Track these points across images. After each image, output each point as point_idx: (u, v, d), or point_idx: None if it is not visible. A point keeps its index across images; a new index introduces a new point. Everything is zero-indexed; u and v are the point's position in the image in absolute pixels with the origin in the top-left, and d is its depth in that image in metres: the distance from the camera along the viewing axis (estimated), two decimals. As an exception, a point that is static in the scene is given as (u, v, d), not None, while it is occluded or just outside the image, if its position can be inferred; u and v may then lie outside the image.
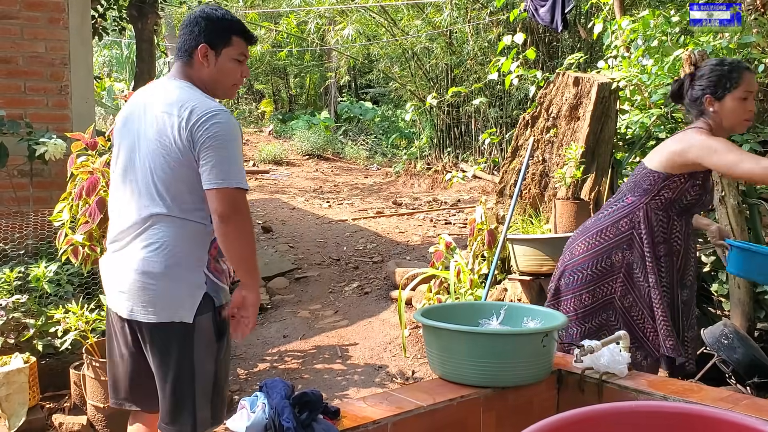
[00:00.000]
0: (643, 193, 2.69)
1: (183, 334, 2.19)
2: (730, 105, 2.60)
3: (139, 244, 2.21)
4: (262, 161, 13.20)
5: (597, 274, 2.74)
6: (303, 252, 7.06)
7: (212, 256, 2.25)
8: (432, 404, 2.05)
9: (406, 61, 13.36)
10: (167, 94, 2.24)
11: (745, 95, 2.59)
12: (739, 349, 3.47)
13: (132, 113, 2.32)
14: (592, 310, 2.74)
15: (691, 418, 1.30)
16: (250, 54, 14.16)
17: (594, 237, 2.78)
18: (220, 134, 2.14)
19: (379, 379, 4.29)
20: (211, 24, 2.28)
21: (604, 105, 4.58)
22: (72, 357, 3.78)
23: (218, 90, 2.34)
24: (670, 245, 2.70)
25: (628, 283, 2.72)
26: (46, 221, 4.36)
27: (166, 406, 2.25)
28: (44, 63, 4.83)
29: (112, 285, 2.30)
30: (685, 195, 2.65)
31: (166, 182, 2.19)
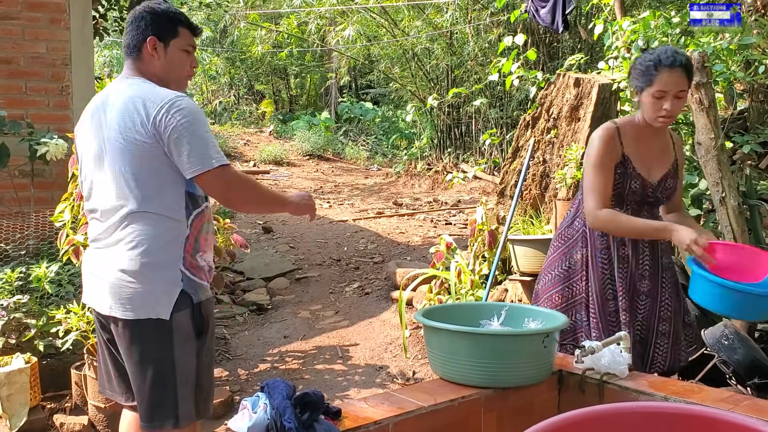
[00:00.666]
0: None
1: (161, 331, 2.21)
2: (645, 100, 2.61)
3: (116, 243, 2.24)
4: (262, 162, 13.20)
5: (563, 275, 2.77)
6: (303, 252, 7.07)
7: (188, 253, 2.26)
8: (433, 405, 2.06)
9: (407, 61, 13.37)
10: (122, 93, 2.26)
11: (659, 94, 2.55)
12: (739, 350, 3.47)
13: (92, 118, 2.34)
14: (564, 309, 2.74)
15: (692, 419, 1.31)
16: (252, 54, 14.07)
17: (558, 238, 2.84)
18: (184, 121, 2.16)
19: (379, 379, 4.29)
20: (156, 17, 2.32)
21: (605, 106, 4.58)
22: (73, 357, 3.78)
23: (171, 82, 2.36)
24: (616, 237, 2.70)
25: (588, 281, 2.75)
26: (47, 221, 4.37)
27: (144, 405, 2.25)
28: (45, 63, 4.83)
29: (92, 282, 2.33)
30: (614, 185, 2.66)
31: (137, 179, 2.20)
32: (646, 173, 2.65)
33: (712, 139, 3.83)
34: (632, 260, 2.69)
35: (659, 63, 2.55)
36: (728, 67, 4.66)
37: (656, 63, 2.56)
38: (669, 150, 2.75)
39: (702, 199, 4.56)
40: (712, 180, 3.91)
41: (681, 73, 2.55)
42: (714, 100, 3.89)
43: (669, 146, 2.75)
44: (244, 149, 14.28)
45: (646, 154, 2.68)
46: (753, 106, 5.14)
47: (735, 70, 4.73)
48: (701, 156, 3.93)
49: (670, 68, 2.53)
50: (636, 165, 2.65)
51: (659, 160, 2.70)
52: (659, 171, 2.68)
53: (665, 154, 2.73)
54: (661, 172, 2.68)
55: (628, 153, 2.65)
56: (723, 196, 3.87)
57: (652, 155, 2.69)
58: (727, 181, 3.87)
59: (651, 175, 2.67)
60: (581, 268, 2.73)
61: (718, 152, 3.84)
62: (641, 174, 2.64)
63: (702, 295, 2.43)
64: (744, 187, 4.29)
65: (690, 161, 4.77)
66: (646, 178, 2.65)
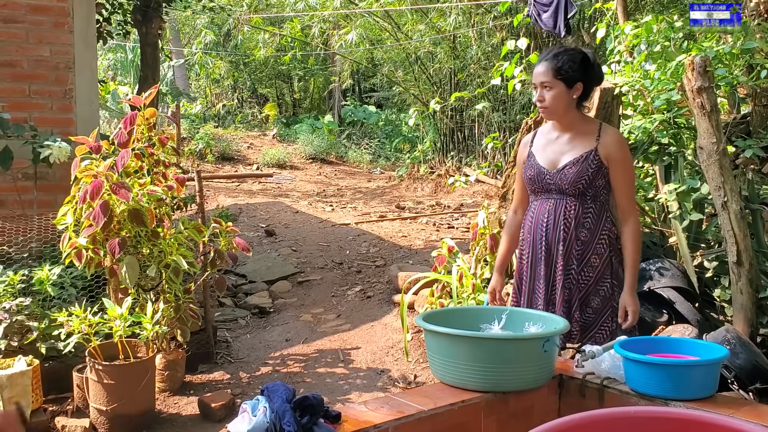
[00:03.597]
0: None
1: None
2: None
3: None
4: (265, 165, 13.22)
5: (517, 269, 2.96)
6: (306, 256, 7.07)
7: None
8: (433, 409, 2.06)
9: (410, 65, 13.39)
10: None
11: (533, 86, 2.83)
12: (741, 354, 3.47)
13: None
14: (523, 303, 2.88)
15: (691, 424, 1.31)
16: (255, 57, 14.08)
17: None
18: None
19: (381, 383, 4.29)
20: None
21: (607, 110, 4.58)
22: (75, 360, 3.79)
23: None
24: (528, 226, 2.85)
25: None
26: (50, 224, 4.39)
27: None
28: (49, 67, 4.85)
29: None
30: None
31: None
32: (547, 164, 2.79)
33: (714, 143, 3.83)
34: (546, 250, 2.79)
35: (539, 59, 2.82)
36: (731, 72, 4.66)
37: (538, 59, 2.84)
38: (586, 142, 2.76)
39: (704, 204, 4.56)
40: (714, 184, 3.90)
41: (543, 66, 2.75)
42: (716, 105, 3.88)
43: (589, 138, 2.76)
44: (248, 152, 14.30)
45: (552, 146, 2.83)
46: (756, 111, 5.14)
47: (737, 75, 4.73)
48: (703, 160, 3.92)
49: (539, 62, 2.79)
50: (537, 157, 2.83)
51: (567, 150, 2.78)
52: (564, 160, 2.76)
53: (577, 145, 2.77)
54: (566, 161, 2.75)
55: (534, 149, 2.87)
56: (725, 200, 3.87)
57: (559, 148, 2.80)
58: (729, 185, 3.87)
59: (553, 164, 2.78)
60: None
61: (720, 157, 3.84)
62: (539, 163, 2.81)
63: (635, 378, 2.16)
64: (746, 192, 4.29)
65: (692, 165, 4.76)
66: (544, 167, 2.78)
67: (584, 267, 2.72)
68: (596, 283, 2.73)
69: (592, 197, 2.74)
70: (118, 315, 3.51)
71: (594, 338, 2.73)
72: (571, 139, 2.79)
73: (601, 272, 2.73)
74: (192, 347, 4.31)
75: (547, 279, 2.76)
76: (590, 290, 2.73)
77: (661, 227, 5.04)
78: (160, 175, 4.00)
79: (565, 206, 2.73)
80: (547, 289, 2.77)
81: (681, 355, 2.26)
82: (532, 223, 2.82)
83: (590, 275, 2.72)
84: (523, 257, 2.87)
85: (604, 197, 2.77)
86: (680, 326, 3.97)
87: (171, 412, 3.83)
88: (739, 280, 3.90)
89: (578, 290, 2.72)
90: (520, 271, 2.89)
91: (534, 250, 2.80)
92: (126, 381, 3.51)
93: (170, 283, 3.85)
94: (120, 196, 3.59)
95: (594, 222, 2.73)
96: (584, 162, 2.71)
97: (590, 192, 2.72)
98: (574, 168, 2.71)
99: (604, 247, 2.73)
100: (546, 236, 2.75)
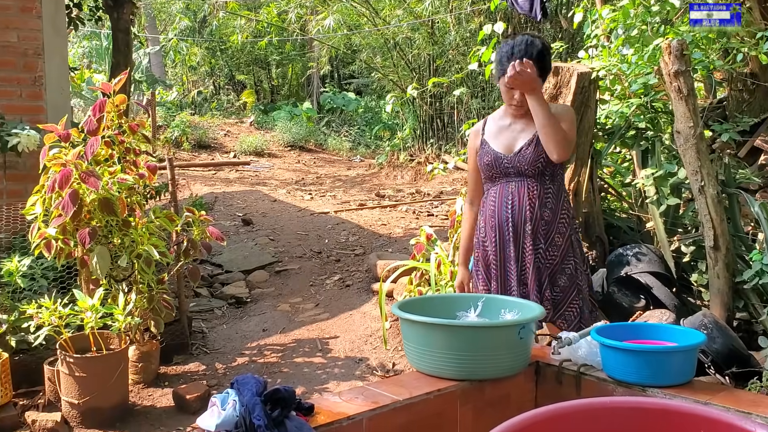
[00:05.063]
0: None
1: None
2: (501, 88, 2.80)
3: None
4: (242, 153, 13.09)
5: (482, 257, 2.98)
6: (284, 245, 7.01)
7: None
8: (408, 398, 2.02)
9: (388, 51, 13.30)
10: None
11: (510, 85, 2.71)
12: (718, 339, 3.48)
13: None
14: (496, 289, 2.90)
15: (669, 414, 1.28)
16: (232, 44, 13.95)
17: None
18: None
19: (359, 372, 4.26)
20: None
21: (584, 95, 4.55)
22: (46, 353, 3.71)
23: None
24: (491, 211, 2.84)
25: None
26: (19, 215, 4.29)
27: None
28: (17, 53, 4.73)
29: None
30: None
31: None
32: (503, 149, 2.80)
33: (691, 127, 3.82)
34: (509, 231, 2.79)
35: (511, 56, 2.66)
36: (707, 56, 4.65)
37: (509, 55, 2.68)
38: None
39: (681, 188, 4.56)
40: (691, 169, 3.90)
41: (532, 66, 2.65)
42: (693, 89, 3.87)
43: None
44: (224, 140, 14.15)
45: (507, 133, 2.83)
46: (732, 95, 5.15)
47: (714, 59, 4.73)
48: (680, 145, 3.92)
49: (521, 59, 2.63)
50: (491, 144, 2.84)
51: (522, 134, 2.80)
52: (519, 143, 2.78)
53: (530, 126, 2.78)
54: (521, 144, 2.77)
55: (487, 137, 2.87)
56: (702, 185, 3.87)
57: (514, 133, 2.81)
58: (706, 169, 3.87)
59: (509, 149, 2.80)
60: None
61: (697, 141, 3.83)
62: (494, 149, 2.81)
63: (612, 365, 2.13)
64: (723, 176, 4.29)
65: (669, 150, 4.76)
66: (500, 152, 2.80)
67: (549, 246, 2.76)
68: (561, 261, 2.78)
69: (550, 177, 2.78)
70: (90, 306, 3.44)
71: (564, 316, 2.79)
72: (524, 122, 2.80)
73: (565, 251, 2.78)
74: (166, 338, 4.25)
75: (518, 260, 2.77)
76: (557, 269, 2.77)
77: (639, 212, 5.05)
78: (131, 164, 3.91)
79: (528, 187, 2.75)
80: (518, 270, 2.78)
81: (658, 341, 2.25)
82: (495, 207, 2.81)
83: (555, 254, 2.76)
84: (488, 243, 2.85)
85: (561, 177, 2.84)
86: (658, 311, 3.97)
87: (145, 404, 3.77)
88: (715, 265, 3.90)
89: (546, 269, 2.76)
90: (486, 258, 2.87)
91: (501, 233, 2.79)
92: (98, 373, 3.45)
93: (142, 274, 3.78)
94: (89, 185, 3.51)
95: (555, 202, 2.78)
96: (539, 142, 2.74)
97: (548, 171, 2.77)
98: (530, 148, 2.74)
99: (565, 226, 2.79)
100: (512, 217, 2.75)
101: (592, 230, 4.76)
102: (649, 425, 1.28)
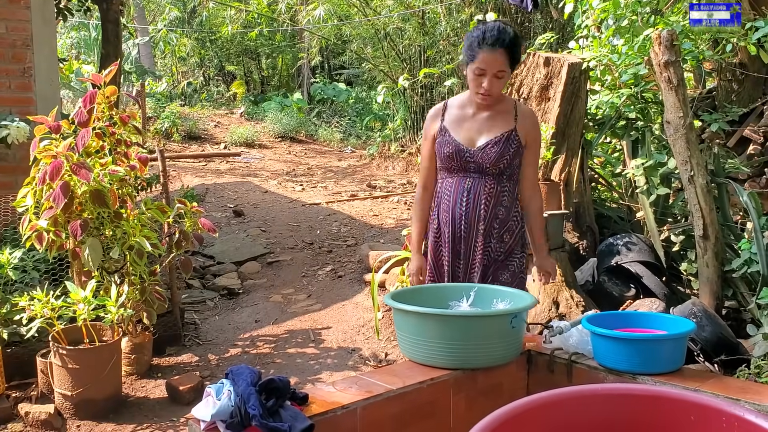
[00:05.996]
0: None
1: None
2: (468, 75, 2.67)
3: None
4: (233, 144, 13.04)
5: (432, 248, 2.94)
6: (275, 236, 7.01)
7: None
8: (401, 387, 2.04)
9: (379, 41, 13.25)
10: None
11: (478, 71, 2.60)
12: (707, 327, 3.51)
13: None
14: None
15: (659, 400, 1.30)
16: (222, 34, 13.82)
17: None
18: None
19: (352, 362, 4.27)
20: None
21: (575, 85, 4.57)
22: (38, 345, 3.71)
23: None
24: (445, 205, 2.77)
25: None
26: (10, 207, 4.27)
27: None
28: (5, 44, 4.70)
29: None
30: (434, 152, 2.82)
31: None
32: (465, 141, 2.71)
33: (680, 117, 3.84)
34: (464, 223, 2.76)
35: (482, 41, 2.57)
36: (696, 46, 4.67)
37: (480, 40, 2.58)
38: (505, 120, 2.73)
39: (671, 178, 4.59)
40: (681, 159, 3.93)
41: (502, 54, 2.57)
42: (683, 79, 3.90)
43: (507, 117, 2.74)
44: (215, 131, 14.10)
45: (470, 124, 2.73)
46: (721, 85, 5.17)
47: (703, 49, 4.75)
48: (670, 135, 3.94)
49: (491, 47, 2.56)
50: (453, 133, 2.73)
51: (486, 129, 2.71)
52: (483, 139, 2.70)
53: (497, 123, 2.72)
54: (486, 140, 2.69)
55: (447, 124, 2.75)
56: (692, 174, 3.90)
57: (478, 125, 2.72)
58: (696, 159, 3.90)
59: (472, 142, 2.71)
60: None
61: (687, 131, 3.86)
62: (456, 140, 2.71)
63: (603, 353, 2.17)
64: (712, 166, 4.32)
65: (659, 140, 4.79)
66: (463, 144, 2.70)
67: (498, 243, 2.74)
68: (506, 258, 2.75)
69: (508, 176, 2.74)
70: (82, 298, 3.44)
71: None
72: (489, 117, 2.73)
73: (512, 248, 2.76)
74: (159, 330, 4.25)
75: (467, 257, 2.75)
76: (500, 265, 2.75)
77: (629, 202, 5.08)
78: (122, 155, 3.90)
79: (484, 185, 2.70)
80: (466, 267, 2.76)
81: (649, 329, 2.27)
82: (450, 203, 2.75)
83: (501, 251, 2.74)
84: (441, 239, 2.80)
85: (516, 176, 2.79)
86: (647, 300, 4.01)
87: (138, 395, 3.78)
88: (705, 254, 3.94)
89: (492, 264, 2.74)
90: (438, 251, 2.82)
91: (454, 230, 2.74)
92: (91, 365, 3.45)
93: (134, 265, 3.78)
94: (80, 177, 3.50)
95: (510, 200, 2.75)
96: (505, 142, 2.68)
97: (507, 171, 2.73)
98: (495, 148, 2.68)
99: (516, 224, 2.77)
100: (466, 216, 2.71)
101: (582, 220, 4.78)
102: (640, 412, 1.30)
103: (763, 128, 4.81)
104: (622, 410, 1.31)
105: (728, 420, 1.19)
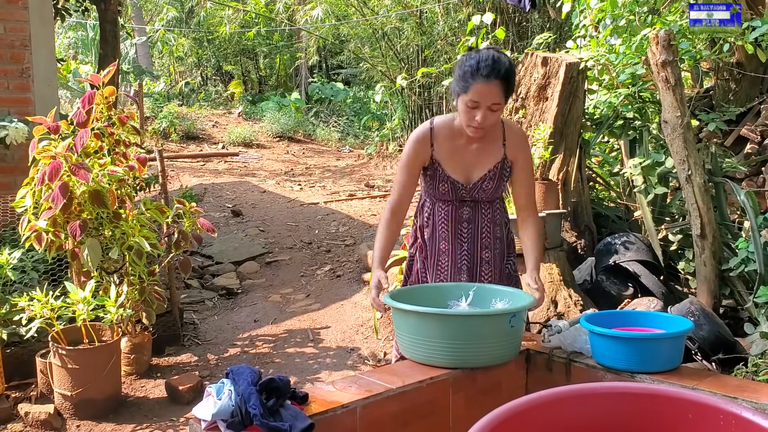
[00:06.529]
0: None
1: None
2: (459, 106, 2.46)
3: None
4: (231, 143, 13.04)
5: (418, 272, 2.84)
6: (274, 236, 7.01)
7: None
8: (401, 387, 2.05)
9: (377, 41, 13.26)
10: None
11: (472, 104, 2.40)
12: (704, 326, 3.53)
13: None
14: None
15: (657, 399, 1.31)
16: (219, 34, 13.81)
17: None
18: None
19: (351, 361, 4.28)
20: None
21: (573, 85, 4.58)
22: (38, 345, 3.72)
23: None
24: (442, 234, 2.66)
25: None
26: (8, 207, 4.27)
27: None
28: (3, 45, 4.70)
29: None
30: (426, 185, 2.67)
31: None
32: (460, 176, 2.57)
33: (678, 117, 3.86)
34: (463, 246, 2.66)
35: (477, 71, 2.37)
36: (694, 46, 4.69)
37: (474, 70, 2.38)
38: (495, 150, 2.58)
39: (668, 177, 4.60)
40: (679, 158, 3.94)
41: (497, 85, 2.37)
42: (680, 78, 3.91)
43: (497, 145, 2.58)
44: (213, 131, 14.10)
45: (461, 157, 2.57)
46: (718, 84, 5.19)
47: (700, 49, 4.76)
48: (668, 134, 3.95)
49: (486, 78, 2.36)
50: (446, 168, 2.56)
51: (479, 162, 2.57)
52: (477, 173, 2.57)
53: (488, 155, 2.58)
54: (480, 174, 2.56)
55: (438, 157, 2.56)
56: (689, 174, 3.91)
57: (470, 158, 2.57)
58: (693, 159, 3.91)
59: (466, 177, 2.57)
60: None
61: (685, 130, 3.87)
62: (452, 177, 2.56)
63: (602, 352, 2.17)
64: (709, 165, 4.34)
65: (657, 139, 4.80)
66: (459, 181, 2.56)
67: (495, 254, 2.67)
68: (501, 262, 2.70)
69: (499, 197, 2.68)
70: (81, 299, 3.45)
71: None
72: (480, 149, 2.57)
73: (503, 253, 2.71)
74: (158, 330, 4.26)
75: (471, 278, 2.65)
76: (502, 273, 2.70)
77: (626, 201, 5.09)
78: (120, 155, 3.91)
79: (482, 213, 2.62)
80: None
81: (647, 328, 2.28)
82: (448, 232, 2.63)
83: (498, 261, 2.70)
84: (441, 267, 2.67)
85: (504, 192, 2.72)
86: (645, 299, 4.02)
87: (138, 395, 3.79)
88: (702, 253, 3.95)
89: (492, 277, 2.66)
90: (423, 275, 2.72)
91: (453, 261, 2.63)
92: (91, 365, 3.46)
93: (133, 266, 3.79)
94: (79, 177, 3.50)
95: (501, 214, 2.67)
96: (499, 174, 2.57)
97: (499, 193, 2.66)
98: (491, 183, 2.57)
99: (505, 231, 2.71)
100: (469, 249, 2.62)
101: (580, 219, 4.79)
102: (638, 410, 1.31)
103: (761, 127, 4.82)
104: (621, 409, 1.32)
105: (726, 418, 1.20)
